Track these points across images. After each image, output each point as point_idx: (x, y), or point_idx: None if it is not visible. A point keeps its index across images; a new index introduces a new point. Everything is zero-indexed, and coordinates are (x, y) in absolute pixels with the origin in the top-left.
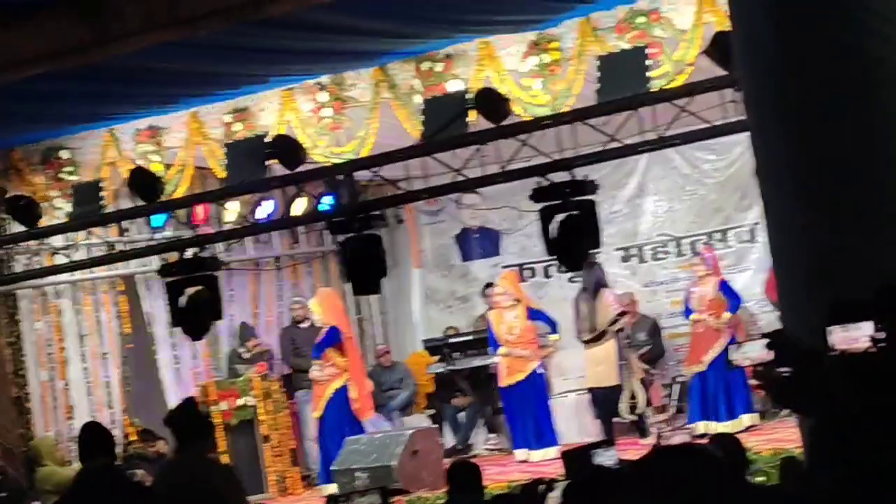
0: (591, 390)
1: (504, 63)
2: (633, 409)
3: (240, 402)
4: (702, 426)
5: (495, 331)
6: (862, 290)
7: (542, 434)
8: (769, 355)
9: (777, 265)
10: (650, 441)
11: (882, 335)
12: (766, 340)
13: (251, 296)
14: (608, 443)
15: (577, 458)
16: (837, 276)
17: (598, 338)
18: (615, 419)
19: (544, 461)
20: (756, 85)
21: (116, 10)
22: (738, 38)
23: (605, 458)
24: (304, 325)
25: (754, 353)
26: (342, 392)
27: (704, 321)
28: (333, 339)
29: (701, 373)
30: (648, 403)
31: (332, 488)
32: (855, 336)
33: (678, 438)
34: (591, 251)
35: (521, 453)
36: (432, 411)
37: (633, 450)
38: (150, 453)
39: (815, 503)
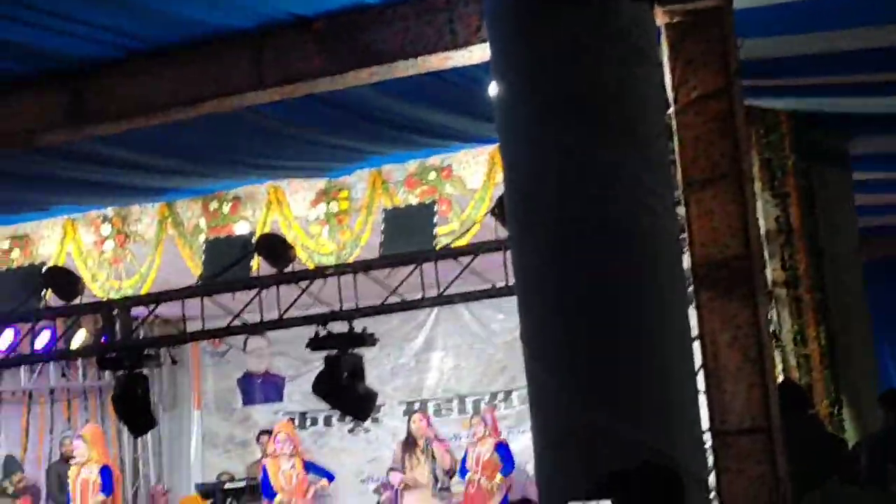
0: None
1: (293, 208)
2: None
3: None
4: None
5: (272, 479)
6: (618, 465)
7: None
8: None
9: (535, 434)
10: None
11: None
12: None
13: (21, 428)
14: None
15: None
16: (591, 451)
17: None
18: None
19: None
20: (523, 254)
21: None
22: (512, 205)
23: None
24: (73, 461)
25: None
26: None
27: (478, 482)
28: (110, 480)
29: None
30: None
31: None
32: None
33: None
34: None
35: None
36: None
37: None
38: None
39: None
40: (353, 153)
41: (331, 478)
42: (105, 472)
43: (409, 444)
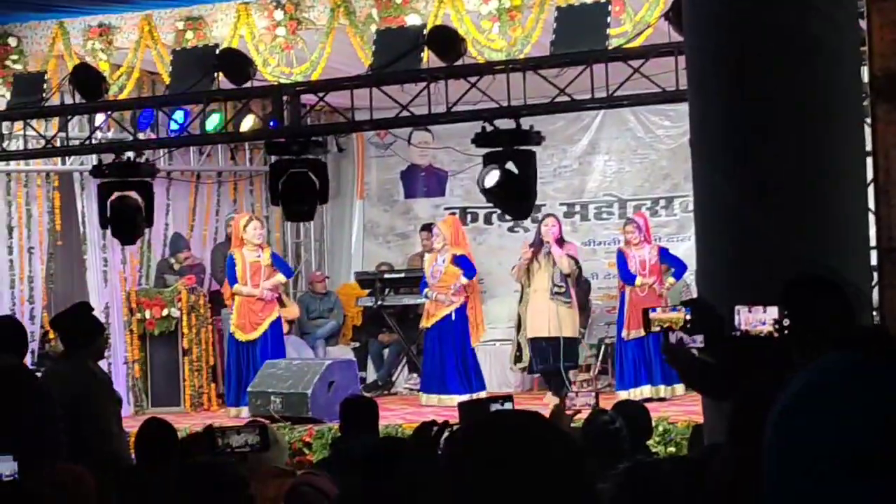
0: (531, 341)
1: (465, 2)
2: (517, 360)
3: (164, 312)
4: (647, 390)
5: (426, 273)
6: (779, 274)
7: (449, 380)
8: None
9: (699, 239)
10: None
11: (785, 322)
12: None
13: (189, 207)
14: (508, 397)
15: (473, 410)
16: (756, 257)
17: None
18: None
19: (451, 407)
20: (699, 58)
21: None
22: (688, 6)
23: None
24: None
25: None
26: (279, 318)
27: (650, 286)
28: (284, 262)
29: (640, 338)
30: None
31: (245, 410)
32: (760, 318)
33: (583, 399)
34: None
35: (425, 397)
36: (357, 344)
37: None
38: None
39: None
40: None
41: (471, 272)
42: (276, 256)
43: (537, 246)
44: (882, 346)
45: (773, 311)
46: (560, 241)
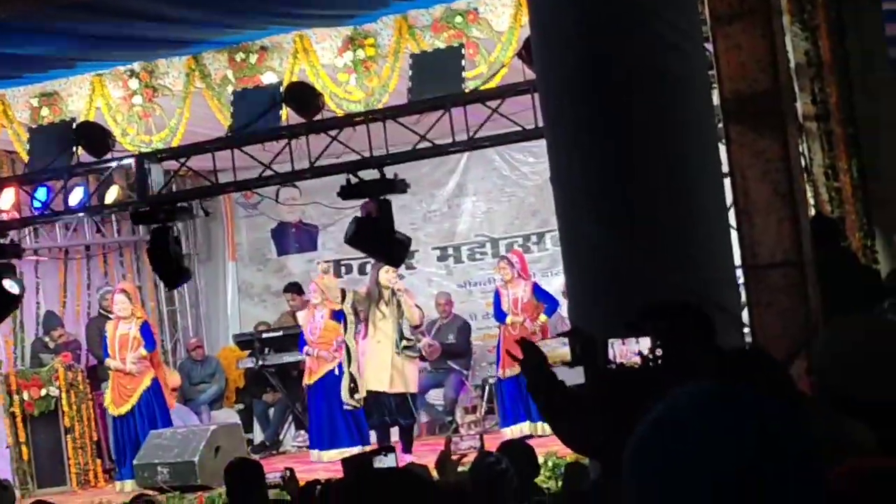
0: (369, 393)
1: (319, 57)
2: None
3: (43, 392)
4: (527, 426)
5: (304, 330)
6: (645, 302)
7: (336, 435)
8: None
9: (568, 273)
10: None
11: (657, 351)
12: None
13: (59, 284)
14: (389, 448)
15: (356, 464)
16: (625, 287)
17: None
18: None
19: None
20: (551, 92)
21: None
22: (537, 43)
23: (385, 463)
24: (115, 314)
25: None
26: (156, 385)
27: (521, 324)
28: (151, 335)
29: (516, 375)
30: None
31: (131, 484)
32: (634, 350)
33: (468, 443)
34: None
35: (314, 453)
36: (242, 406)
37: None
38: None
39: None
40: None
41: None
42: (145, 327)
43: (374, 295)
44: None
45: (645, 342)
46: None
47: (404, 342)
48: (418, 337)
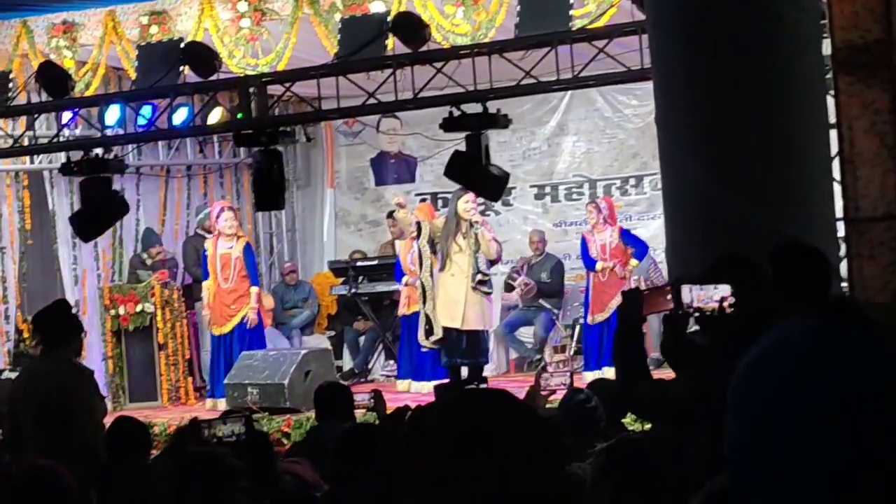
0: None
1: None
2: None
3: (138, 307)
4: (610, 372)
5: (402, 260)
6: (749, 249)
7: (425, 368)
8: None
9: (668, 217)
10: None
11: (732, 299)
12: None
13: (159, 202)
14: (482, 379)
15: (448, 392)
16: (725, 233)
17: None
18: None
19: (428, 393)
20: (662, 36)
21: None
22: None
23: None
24: (211, 236)
25: None
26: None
27: (611, 269)
28: (253, 256)
29: (604, 321)
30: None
31: (222, 402)
32: (711, 295)
33: (558, 380)
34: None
35: (402, 384)
36: (332, 333)
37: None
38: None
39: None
40: None
41: None
42: (248, 249)
43: (451, 226)
44: (843, 313)
45: (724, 288)
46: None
47: (479, 276)
48: (509, 274)
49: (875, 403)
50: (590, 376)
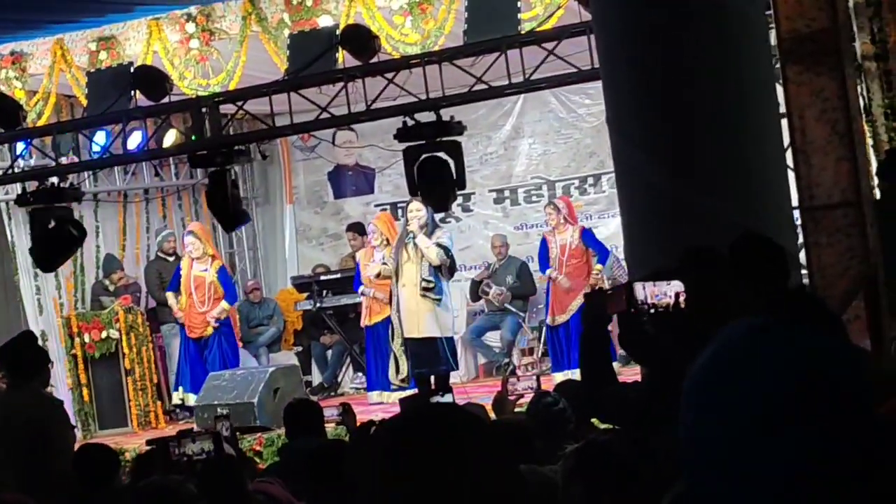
0: (405, 341)
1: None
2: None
3: (103, 334)
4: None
5: (362, 271)
6: (707, 243)
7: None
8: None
9: (625, 215)
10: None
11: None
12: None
13: (118, 227)
14: (447, 389)
15: (413, 402)
16: (679, 228)
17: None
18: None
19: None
20: (607, 34)
21: None
22: None
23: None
24: (172, 258)
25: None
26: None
27: (556, 279)
28: (230, 285)
29: (564, 323)
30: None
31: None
32: (664, 291)
33: (525, 383)
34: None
35: (374, 395)
36: (300, 349)
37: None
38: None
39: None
40: None
41: None
42: (223, 272)
43: (402, 237)
44: (802, 303)
45: (676, 284)
46: (431, 230)
47: (423, 283)
48: (481, 287)
49: (823, 396)
50: (559, 377)
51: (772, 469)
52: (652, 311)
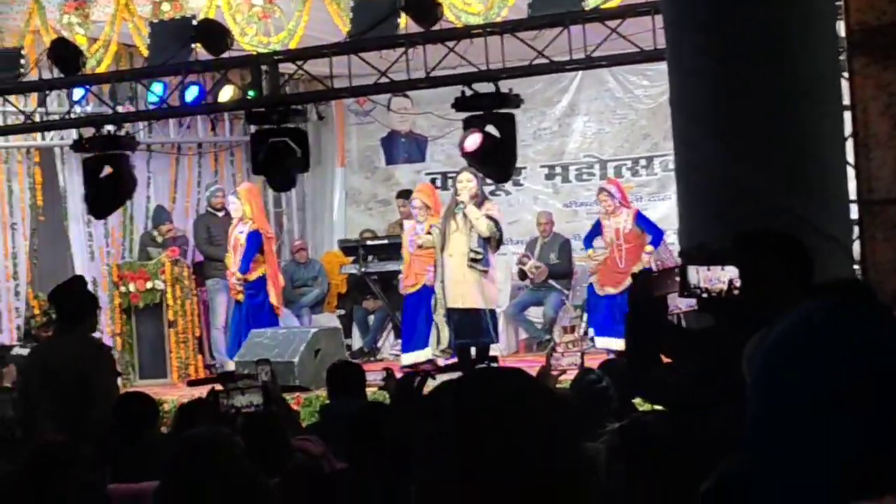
0: (448, 311)
1: None
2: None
3: (148, 285)
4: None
5: (403, 240)
6: (757, 225)
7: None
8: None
9: (681, 198)
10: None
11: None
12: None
13: (170, 180)
14: (492, 360)
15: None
16: (739, 214)
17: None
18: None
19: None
20: (677, 17)
21: None
22: None
23: None
24: (221, 213)
25: None
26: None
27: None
28: (257, 244)
29: (612, 294)
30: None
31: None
32: (717, 276)
33: (568, 359)
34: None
35: (407, 357)
36: (342, 312)
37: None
38: (43, 337)
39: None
40: None
41: None
42: (251, 236)
43: (451, 207)
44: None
45: (730, 270)
46: (480, 201)
47: (471, 254)
48: (519, 259)
49: (891, 384)
50: (601, 342)
51: (836, 453)
52: (705, 295)
